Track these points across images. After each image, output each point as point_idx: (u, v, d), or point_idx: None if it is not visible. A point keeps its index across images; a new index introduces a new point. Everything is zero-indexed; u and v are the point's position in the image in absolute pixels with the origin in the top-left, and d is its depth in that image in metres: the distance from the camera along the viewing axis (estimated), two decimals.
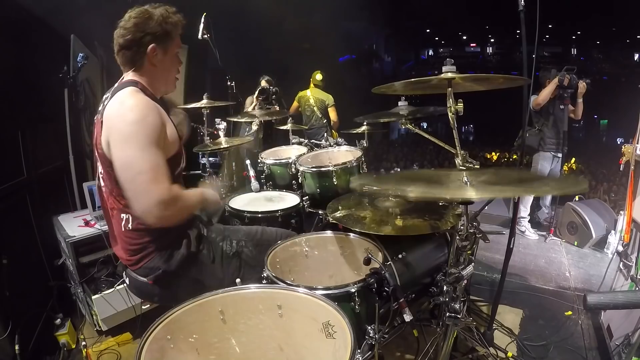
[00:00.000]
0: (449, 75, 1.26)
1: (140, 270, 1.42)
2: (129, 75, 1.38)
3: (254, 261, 1.54)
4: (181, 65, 1.51)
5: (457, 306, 1.30)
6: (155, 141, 1.24)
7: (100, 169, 1.36)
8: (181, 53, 1.50)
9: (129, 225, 1.36)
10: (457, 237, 1.29)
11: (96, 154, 1.34)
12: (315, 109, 4.53)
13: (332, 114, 4.57)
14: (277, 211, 2.04)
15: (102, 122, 1.27)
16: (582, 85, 3.49)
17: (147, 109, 1.25)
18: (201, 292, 1.12)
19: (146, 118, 1.23)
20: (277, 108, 3.53)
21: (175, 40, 1.41)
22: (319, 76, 4.64)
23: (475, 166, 1.30)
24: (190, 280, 1.43)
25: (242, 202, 2.26)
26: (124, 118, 1.22)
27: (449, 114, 1.28)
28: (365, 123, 2.68)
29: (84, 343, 2.12)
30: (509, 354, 2.07)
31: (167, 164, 1.28)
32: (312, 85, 4.64)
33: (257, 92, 3.47)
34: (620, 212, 3.16)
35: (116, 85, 1.36)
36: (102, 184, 1.39)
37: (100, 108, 1.36)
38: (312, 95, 4.57)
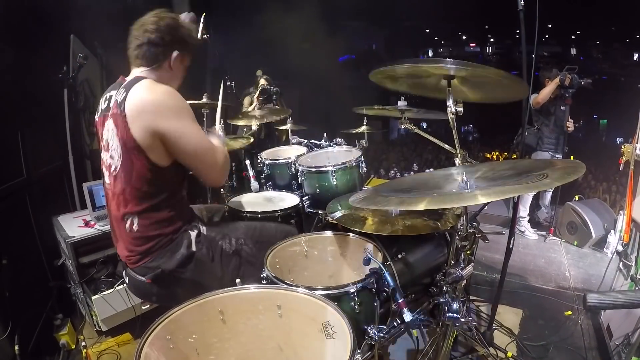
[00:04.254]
0: (450, 74, 1.25)
1: (140, 269, 1.42)
2: (138, 73, 1.40)
3: (254, 258, 1.54)
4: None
5: (456, 306, 1.30)
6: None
7: (114, 165, 1.34)
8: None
9: (134, 227, 1.37)
10: (457, 237, 1.29)
11: (117, 150, 1.32)
12: None
13: None
14: (276, 211, 2.04)
15: (125, 115, 1.27)
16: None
17: (175, 93, 1.33)
18: (200, 291, 1.12)
19: (181, 99, 1.33)
20: (279, 108, 3.53)
21: (189, 55, 1.48)
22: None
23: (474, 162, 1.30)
24: (188, 280, 1.44)
25: (242, 202, 2.26)
26: (163, 101, 1.29)
27: (449, 115, 1.28)
28: (365, 122, 2.69)
29: (83, 343, 2.11)
30: (509, 354, 2.07)
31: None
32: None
33: (258, 92, 3.46)
34: (620, 211, 3.16)
35: (126, 82, 1.36)
36: (111, 181, 1.38)
37: (106, 105, 1.38)
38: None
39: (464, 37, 19.80)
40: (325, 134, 2.75)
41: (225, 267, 1.50)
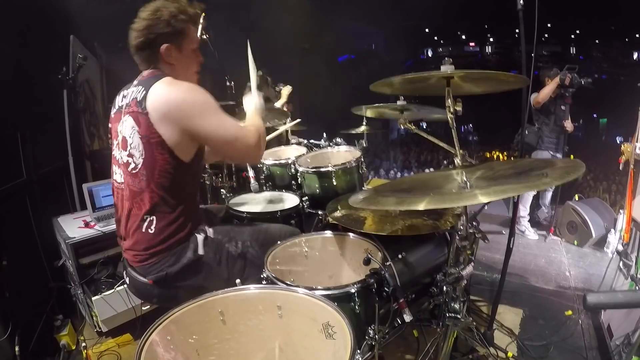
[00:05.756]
0: (448, 72, 1.24)
1: (143, 269, 1.40)
2: (151, 70, 1.40)
3: (259, 261, 1.53)
4: (202, 61, 1.51)
5: (457, 306, 1.30)
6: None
7: (135, 163, 1.32)
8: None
9: (151, 229, 1.35)
10: (457, 237, 1.29)
11: (137, 147, 1.31)
12: None
13: None
14: (276, 212, 2.04)
15: (148, 113, 1.26)
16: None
17: (197, 87, 1.33)
18: (201, 294, 1.12)
19: (203, 92, 1.31)
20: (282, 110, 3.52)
21: (189, 36, 1.42)
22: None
23: (473, 162, 1.30)
24: (191, 284, 1.43)
25: (242, 202, 2.26)
26: (187, 98, 1.28)
27: (448, 114, 1.28)
28: (364, 122, 2.69)
29: (84, 344, 2.12)
30: (509, 354, 2.07)
31: (198, 153, 1.39)
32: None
33: (284, 102, 3.46)
34: (620, 211, 3.16)
35: (144, 78, 1.36)
36: (128, 180, 1.36)
37: (123, 102, 1.37)
38: None
39: (463, 37, 19.83)
40: (324, 134, 2.75)
41: (230, 270, 1.49)
